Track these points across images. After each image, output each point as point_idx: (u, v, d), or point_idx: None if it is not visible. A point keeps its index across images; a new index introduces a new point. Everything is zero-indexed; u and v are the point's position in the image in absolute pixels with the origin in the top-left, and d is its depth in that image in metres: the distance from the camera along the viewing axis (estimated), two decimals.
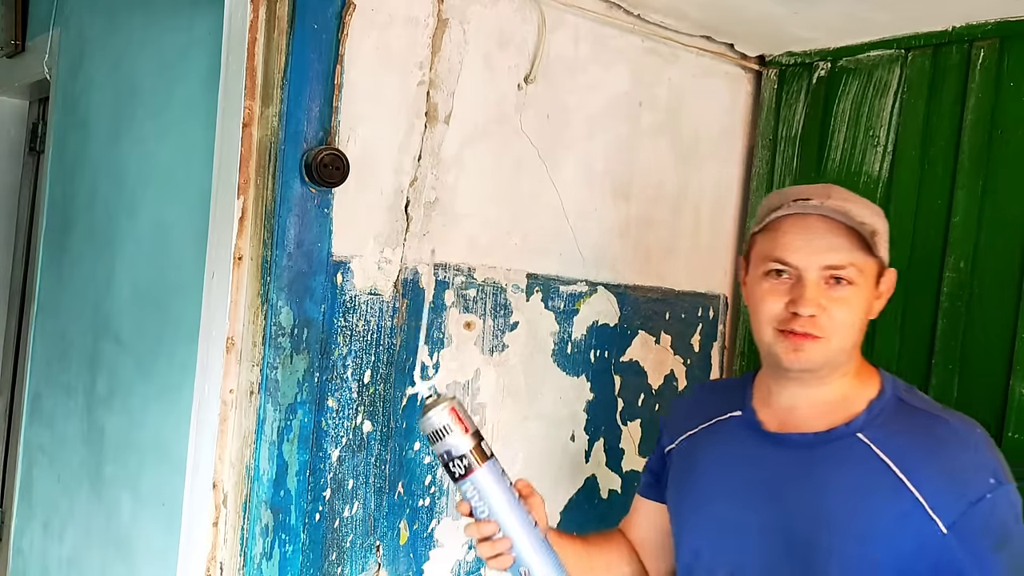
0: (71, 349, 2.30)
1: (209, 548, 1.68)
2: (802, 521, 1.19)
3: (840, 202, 1.19)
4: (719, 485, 1.29)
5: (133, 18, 2.16)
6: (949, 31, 1.97)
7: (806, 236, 1.19)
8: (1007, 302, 1.86)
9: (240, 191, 1.66)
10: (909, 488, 1.13)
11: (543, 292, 2.02)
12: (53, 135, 2.51)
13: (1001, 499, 1.12)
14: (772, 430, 1.26)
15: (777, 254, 1.21)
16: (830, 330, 1.18)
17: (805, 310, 1.17)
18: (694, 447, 1.36)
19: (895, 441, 1.17)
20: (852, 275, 1.18)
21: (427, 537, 1.89)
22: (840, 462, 1.18)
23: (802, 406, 1.25)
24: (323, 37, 1.66)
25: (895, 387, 1.24)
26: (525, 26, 1.95)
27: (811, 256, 1.19)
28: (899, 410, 1.21)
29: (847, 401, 1.23)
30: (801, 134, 2.26)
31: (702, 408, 1.39)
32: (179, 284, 1.87)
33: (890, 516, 1.13)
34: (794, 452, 1.22)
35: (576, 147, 2.06)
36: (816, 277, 1.18)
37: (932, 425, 1.18)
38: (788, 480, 1.21)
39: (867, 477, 1.16)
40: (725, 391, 1.39)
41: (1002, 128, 1.90)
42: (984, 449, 1.16)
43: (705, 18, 2.12)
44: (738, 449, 1.29)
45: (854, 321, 1.20)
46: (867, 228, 1.17)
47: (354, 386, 1.76)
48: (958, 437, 1.16)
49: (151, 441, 1.93)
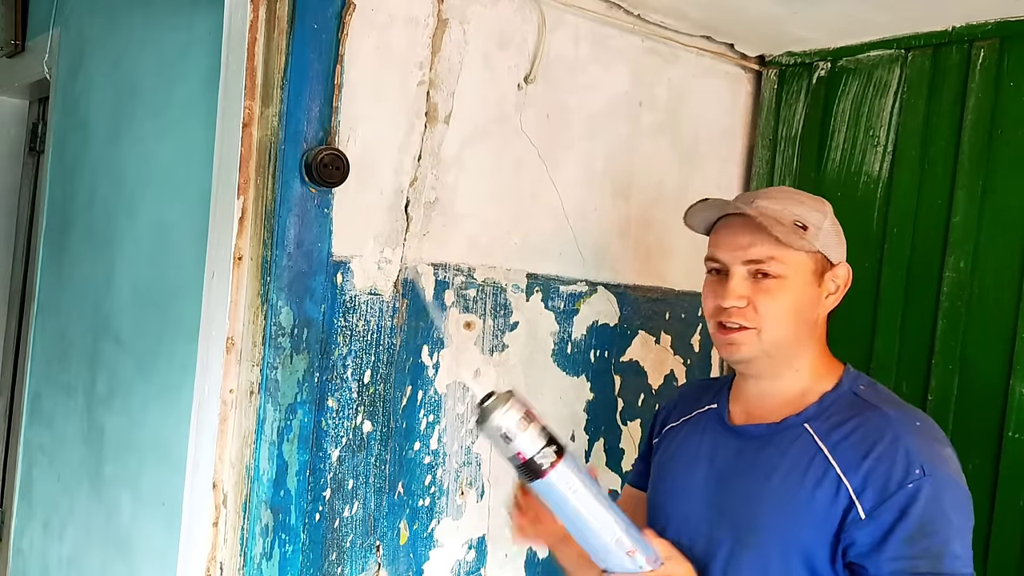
0: (71, 349, 2.30)
1: (209, 548, 1.68)
2: (747, 505, 1.25)
3: (766, 201, 1.26)
4: (683, 473, 1.36)
5: (133, 18, 2.16)
6: (949, 31, 1.97)
7: (731, 234, 1.28)
8: (1007, 302, 1.86)
9: (240, 191, 1.66)
10: (839, 475, 1.18)
11: (543, 292, 2.02)
12: (53, 135, 2.51)
13: (925, 490, 1.14)
14: (737, 423, 1.33)
15: (710, 252, 1.31)
16: (759, 322, 1.25)
17: (727, 302, 1.25)
18: (673, 438, 1.43)
19: (835, 432, 1.22)
20: (776, 269, 1.24)
21: (427, 537, 1.89)
22: (784, 450, 1.24)
23: (764, 400, 1.31)
24: (323, 37, 1.66)
25: (854, 382, 1.29)
26: (525, 26, 1.95)
27: (734, 252, 1.26)
28: (850, 403, 1.25)
29: (804, 395, 1.28)
30: (801, 134, 2.26)
31: (687, 402, 1.46)
32: (179, 284, 1.87)
33: (821, 501, 1.18)
34: (748, 442, 1.29)
35: (576, 147, 2.06)
36: (741, 271, 1.26)
37: (871, 416, 1.22)
38: (739, 468, 1.28)
39: (804, 464, 1.21)
40: (710, 387, 1.46)
41: (1002, 128, 1.90)
42: (918, 439, 1.18)
43: (705, 18, 2.12)
44: (706, 440, 1.36)
45: (785, 313, 1.25)
46: (793, 223, 1.23)
47: (354, 386, 1.76)
48: (892, 428, 1.19)
49: (151, 441, 1.93)
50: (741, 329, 1.25)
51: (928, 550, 1.13)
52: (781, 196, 1.29)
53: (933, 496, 1.14)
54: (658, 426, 1.50)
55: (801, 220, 1.25)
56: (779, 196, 1.29)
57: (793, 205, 1.27)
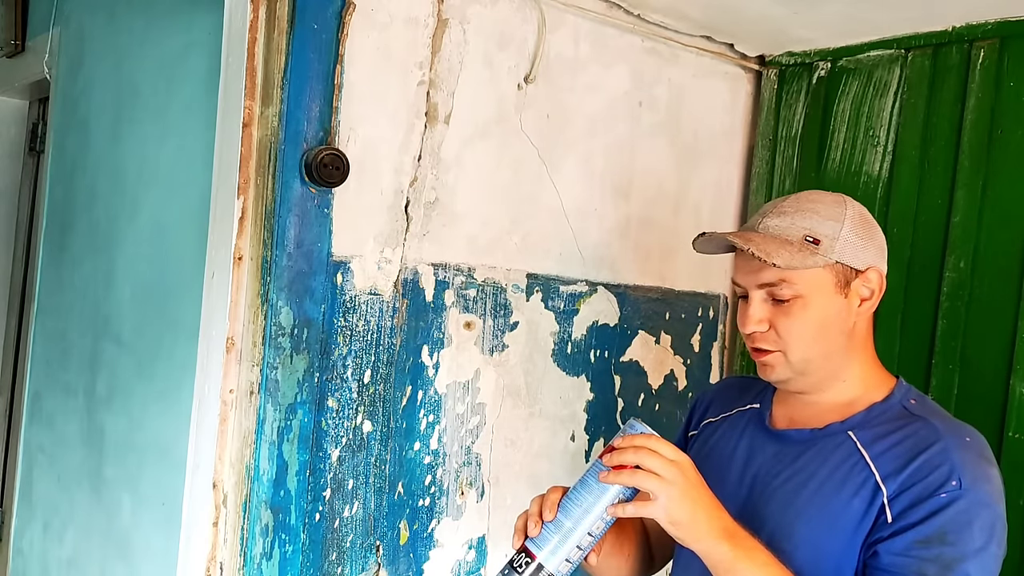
0: (71, 349, 2.30)
1: (209, 548, 1.68)
2: (781, 511, 1.23)
3: (775, 218, 1.23)
4: (717, 471, 1.33)
5: (133, 18, 2.16)
6: (949, 31, 1.97)
7: (744, 258, 1.24)
8: (1007, 302, 1.86)
9: (240, 191, 1.66)
10: (878, 483, 1.16)
11: (543, 292, 2.02)
12: (53, 135, 2.51)
13: (959, 503, 1.10)
14: (779, 427, 1.31)
15: (732, 276, 1.28)
16: (781, 344, 1.22)
17: (747, 328, 1.24)
18: (711, 435, 1.41)
19: (880, 441, 1.19)
20: (789, 291, 1.20)
21: (427, 537, 1.89)
22: (825, 457, 1.22)
23: (809, 407, 1.29)
24: (323, 37, 1.66)
25: (905, 395, 1.25)
26: (525, 26, 1.95)
27: (748, 276, 1.24)
28: (898, 416, 1.22)
29: (852, 404, 1.25)
30: (801, 134, 2.26)
31: (728, 398, 1.43)
32: (179, 284, 1.87)
33: (857, 510, 1.16)
34: (788, 447, 1.27)
35: (576, 147, 2.06)
36: (759, 295, 1.23)
37: (919, 428, 1.19)
38: (776, 473, 1.26)
39: (844, 472, 1.19)
40: (752, 385, 1.42)
41: (1002, 128, 1.90)
42: (963, 454, 1.15)
43: (705, 18, 2.12)
44: (743, 440, 1.34)
45: (809, 332, 1.21)
46: (803, 239, 1.19)
47: (354, 386, 1.76)
48: (941, 440, 1.16)
49: (151, 441, 1.93)
50: (768, 352, 1.23)
51: (940, 557, 1.09)
52: (794, 208, 1.24)
53: (964, 510, 1.10)
54: (695, 419, 1.47)
55: (812, 234, 1.20)
56: (792, 208, 1.24)
57: (804, 217, 1.21)
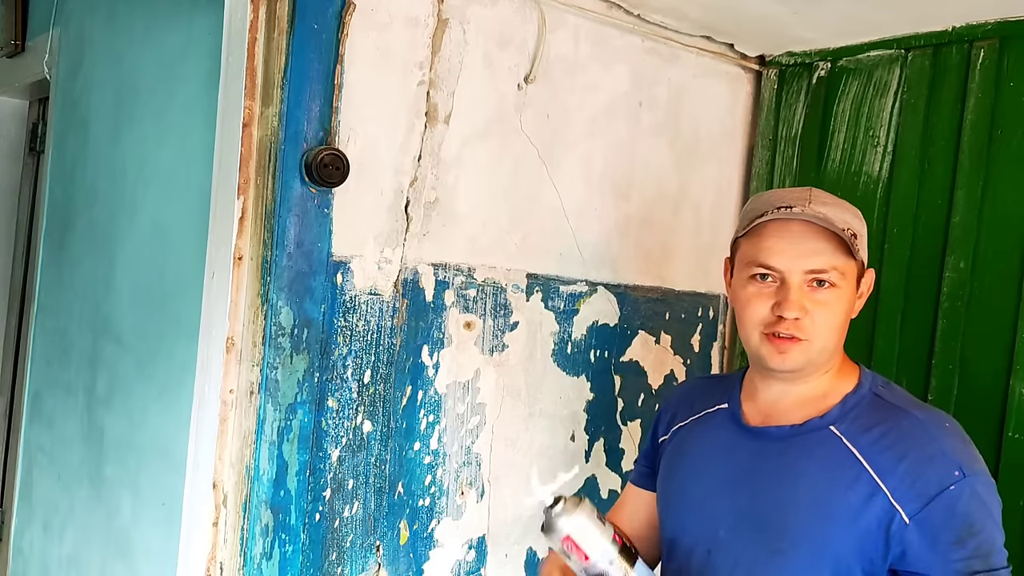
0: (71, 349, 2.30)
1: (209, 548, 1.68)
2: (772, 506, 1.24)
3: (820, 207, 1.23)
4: (700, 473, 1.35)
5: (133, 18, 2.16)
6: (949, 31, 1.97)
7: (789, 241, 1.23)
8: (1007, 302, 1.86)
9: (240, 191, 1.66)
10: (873, 476, 1.18)
11: (543, 292, 2.02)
12: (53, 135, 2.51)
13: (965, 490, 1.15)
14: (754, 424, 1.32)
15: (761, 259, 1.25)
16: (813, 332, 1.23)
17: (790, 313, 1.22)
18: (684, 437, 1.42)
19: (864, 434, 1.22)
20: (834, 278, 1.23)
21: (427, 537, 1.89)
22: (811, 452, 1.24)
23: (784, 401, 1.30)
24: (323, 37, 1.66)
25: (873, 383, 1.29)
26: (525, 26, 1.95)
27: (794, 260, 1.23)
28: (872, 404, 1.25)
29: (826, 396, 1.28)
30: (801, 134, 2.26)
31: (694, 400, 1.44)
32: (179, 284, 1.87)
33: (853, 501, 1.19)
34: (770, 444, 1.28)
35: (576, 147, 2.06)
36: (799, 281, 1.23)
37: (900, 419, 1.22)
38: (762, 469, 1.27)
39: (834, 466, 1.21)
40: (717, 385, 1.45)
41: (1002, 128, 1.90)
42: (950, 441, 1.20)
43: (705, 18, 2.12)
44: (721, 440, 1.34)
45: (836, 323, 1.25)
46: (848, 232, 1.22)
47: (354, 386, 1.76)
48: (924, 429, 1.20)
49: (151, 441, 1.93)
50: (793, 339, 1.23)
51: (979, 549, 1.14)
52: (829, 200, 1.25)
53: (973, 494, 1.16)
54: (664, 425, 1.47)
55: (851, 228, 1.23)
56: (830, 201, 1.25)
57: (844, 211, 1.25)
